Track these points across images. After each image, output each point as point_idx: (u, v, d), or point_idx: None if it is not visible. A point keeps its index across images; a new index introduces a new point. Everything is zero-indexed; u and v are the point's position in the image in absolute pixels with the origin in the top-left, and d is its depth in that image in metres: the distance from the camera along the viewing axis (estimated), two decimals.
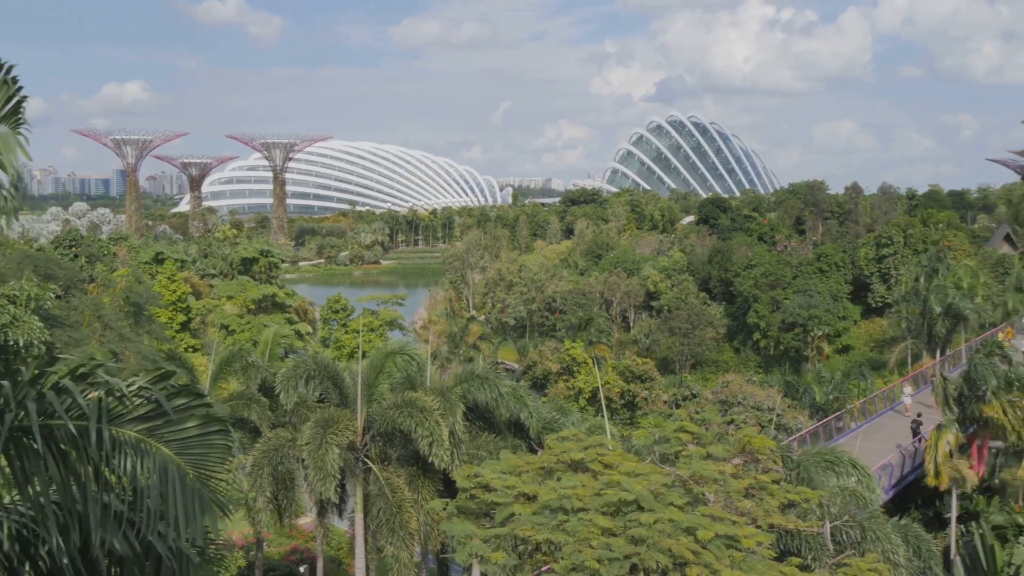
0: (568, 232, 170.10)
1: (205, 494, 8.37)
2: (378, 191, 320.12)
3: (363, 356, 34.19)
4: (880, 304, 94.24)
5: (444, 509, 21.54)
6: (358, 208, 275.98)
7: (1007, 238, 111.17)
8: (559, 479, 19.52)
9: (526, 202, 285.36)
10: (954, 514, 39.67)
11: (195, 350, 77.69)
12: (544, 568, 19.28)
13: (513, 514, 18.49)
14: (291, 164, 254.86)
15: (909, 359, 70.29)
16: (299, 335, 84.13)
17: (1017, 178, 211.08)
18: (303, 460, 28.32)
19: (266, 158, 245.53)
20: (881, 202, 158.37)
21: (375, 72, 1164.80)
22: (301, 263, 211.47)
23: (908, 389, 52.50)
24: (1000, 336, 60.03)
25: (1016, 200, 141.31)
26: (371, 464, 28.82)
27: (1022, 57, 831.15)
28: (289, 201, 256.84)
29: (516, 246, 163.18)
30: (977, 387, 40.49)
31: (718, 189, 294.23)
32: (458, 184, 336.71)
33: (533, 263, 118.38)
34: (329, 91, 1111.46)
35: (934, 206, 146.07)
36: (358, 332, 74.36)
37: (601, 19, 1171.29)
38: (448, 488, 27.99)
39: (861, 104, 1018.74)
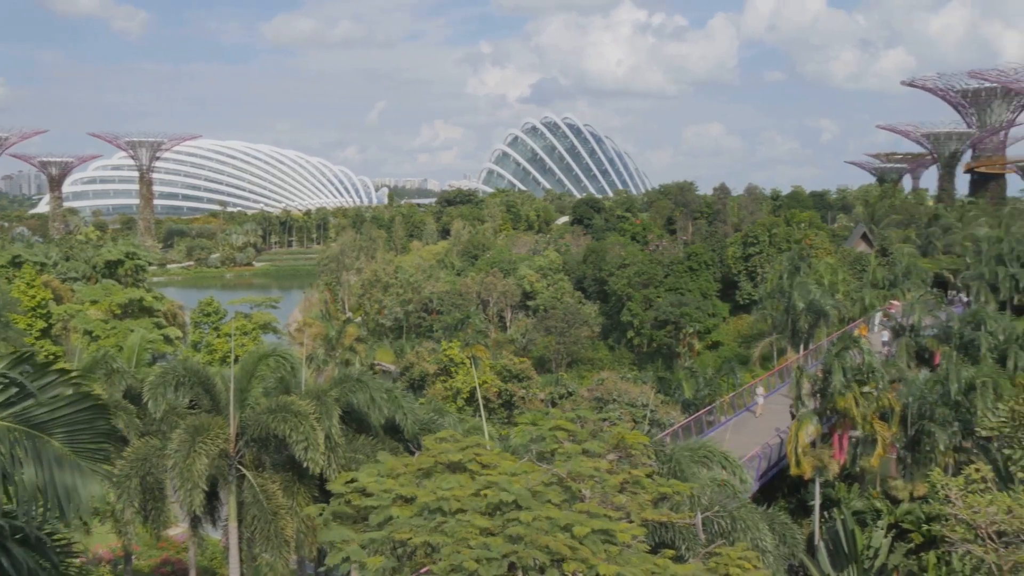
0: (444, 233, 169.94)
1: (86, 468, 7.94)
2: (250, 192, 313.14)
3: (235, 360, 33.39)
4: (747, 301, 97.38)
5: (320, 515, 21.22)
6: (229, 209, 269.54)
7: (864, 237, 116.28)
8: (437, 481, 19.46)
9: (402, 203, 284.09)
10: (817, 502, 41.41)
11: (57, 357, 74.43)
12: (423, 570, 19.20)
13: (391, 517, 18.35)
14: (159, 164, 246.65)
15: (774, 354, 72.73)
16: (168, 340, 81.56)
17: (873, 180, 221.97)
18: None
19: (132, 157, 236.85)
20: (747, 202, 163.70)
21: (247, 70, 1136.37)
22: (170, 265, 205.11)
23: (760, 390, 52.80)
24: (856, 332, 62.65)
25: (872, 201, 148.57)
26: (245, 471, 28.17)
27: (878, 65, 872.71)
28: (157, 202, 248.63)
29: (392, 247, 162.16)
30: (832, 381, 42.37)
31: (592, 190, 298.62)
32: (333, 185, 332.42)
33: (409, 264, 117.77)
34: (199, 89, 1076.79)
35: (797, 206, 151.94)
36: (230, 336, 72.54)
37: (476, 20, 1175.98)
38: (324, 494, 27.60)
39: (729, 107, 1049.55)
